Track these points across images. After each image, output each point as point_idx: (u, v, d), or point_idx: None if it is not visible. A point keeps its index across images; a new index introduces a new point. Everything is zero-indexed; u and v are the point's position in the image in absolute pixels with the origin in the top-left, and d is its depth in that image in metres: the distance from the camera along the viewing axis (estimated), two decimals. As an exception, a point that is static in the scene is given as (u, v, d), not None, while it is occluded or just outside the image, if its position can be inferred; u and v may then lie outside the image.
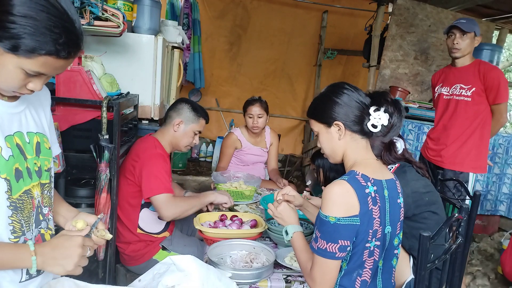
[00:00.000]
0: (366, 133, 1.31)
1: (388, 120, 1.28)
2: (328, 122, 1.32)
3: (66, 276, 1.18)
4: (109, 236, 1.15)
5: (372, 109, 1.29)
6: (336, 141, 1.32)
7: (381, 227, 1.25)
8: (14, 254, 0.97)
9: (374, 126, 1.28)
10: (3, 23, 0.87)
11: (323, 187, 2.22)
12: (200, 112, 2.22)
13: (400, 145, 1.79)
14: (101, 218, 1.17)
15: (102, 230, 1.14)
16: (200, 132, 2.25)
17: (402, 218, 1.36)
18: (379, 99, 1.30)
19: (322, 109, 1.34)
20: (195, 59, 5.00)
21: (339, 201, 1.19)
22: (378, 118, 1.27)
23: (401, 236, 1.37)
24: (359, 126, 1.30)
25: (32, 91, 1.00)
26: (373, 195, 1.23)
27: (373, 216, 1.22)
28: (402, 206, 1.36)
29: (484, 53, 3.76)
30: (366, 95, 1.34)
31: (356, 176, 1.23)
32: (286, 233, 1.42)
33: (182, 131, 2.18)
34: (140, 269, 2.03)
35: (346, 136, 1.31)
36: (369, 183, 1.23)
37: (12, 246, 1.00)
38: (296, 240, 1.40)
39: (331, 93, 1.33)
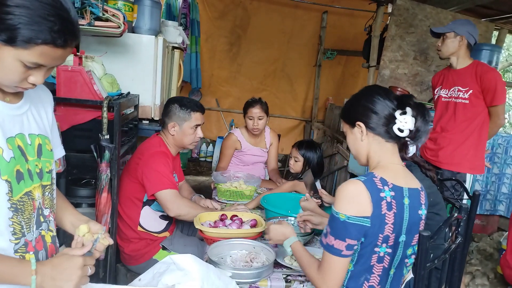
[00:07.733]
0: (392, 137, 1.30)
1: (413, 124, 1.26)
2: (351, 123, 1.34)
3: None
4: (110, 242, 1.19)
5: (398, 112, 1.27)
6: (359, 142, 1.34)
7: (394, 234, 1.23)
8: (14, 269, 0.95)
9: (400, 130, 1.27)
10: None
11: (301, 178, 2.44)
12: (190, 106, 2.16)
13: (412, 149, 1.78)
14: (103, 232, 1.18)
15: (104, 239, 1.17)
16: (199, 125, 2.19)
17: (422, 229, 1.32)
18: (405, 102, 1.28)
19: (348, 109, 1.38)
20: (192, 59, 5.02)
21: (351, 200, 1.19)
22: (404, 122, 1.26)
23: (416, 248, 1.33)
24: (382, 128, 1.28)
25: (34, 85, 0.99)
26: (388, 200, 1.21)
27: (386, 221, 1.21)
28: (423, 218, 1.31)
29: (483, 53, 3.76)
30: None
31: (374, 179, 1.22)
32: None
33: (180, 132, 2.17)
34: (140, 268, 2.03)
35: (368, 137, 1.31)
36: (386, 187, 1.22)
37: (14, 261, 0.98)
38: (295, 251, 1.44)
39: (361, 95, 1.35)
